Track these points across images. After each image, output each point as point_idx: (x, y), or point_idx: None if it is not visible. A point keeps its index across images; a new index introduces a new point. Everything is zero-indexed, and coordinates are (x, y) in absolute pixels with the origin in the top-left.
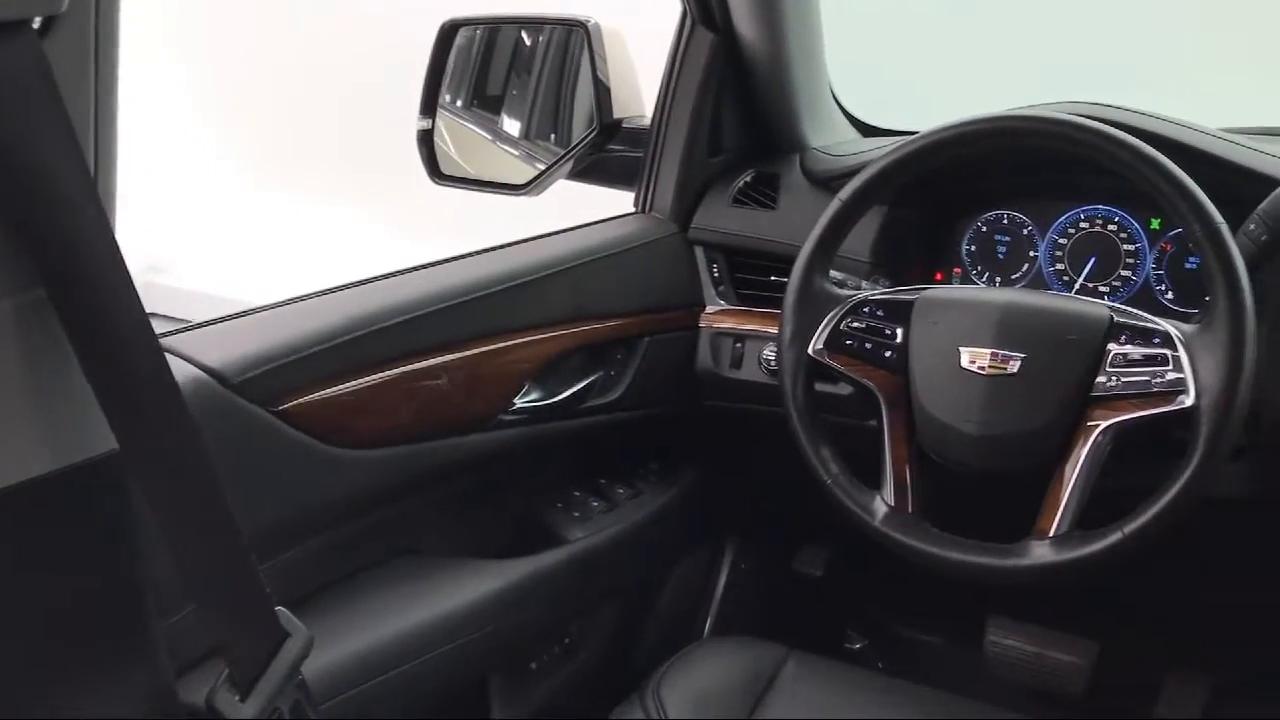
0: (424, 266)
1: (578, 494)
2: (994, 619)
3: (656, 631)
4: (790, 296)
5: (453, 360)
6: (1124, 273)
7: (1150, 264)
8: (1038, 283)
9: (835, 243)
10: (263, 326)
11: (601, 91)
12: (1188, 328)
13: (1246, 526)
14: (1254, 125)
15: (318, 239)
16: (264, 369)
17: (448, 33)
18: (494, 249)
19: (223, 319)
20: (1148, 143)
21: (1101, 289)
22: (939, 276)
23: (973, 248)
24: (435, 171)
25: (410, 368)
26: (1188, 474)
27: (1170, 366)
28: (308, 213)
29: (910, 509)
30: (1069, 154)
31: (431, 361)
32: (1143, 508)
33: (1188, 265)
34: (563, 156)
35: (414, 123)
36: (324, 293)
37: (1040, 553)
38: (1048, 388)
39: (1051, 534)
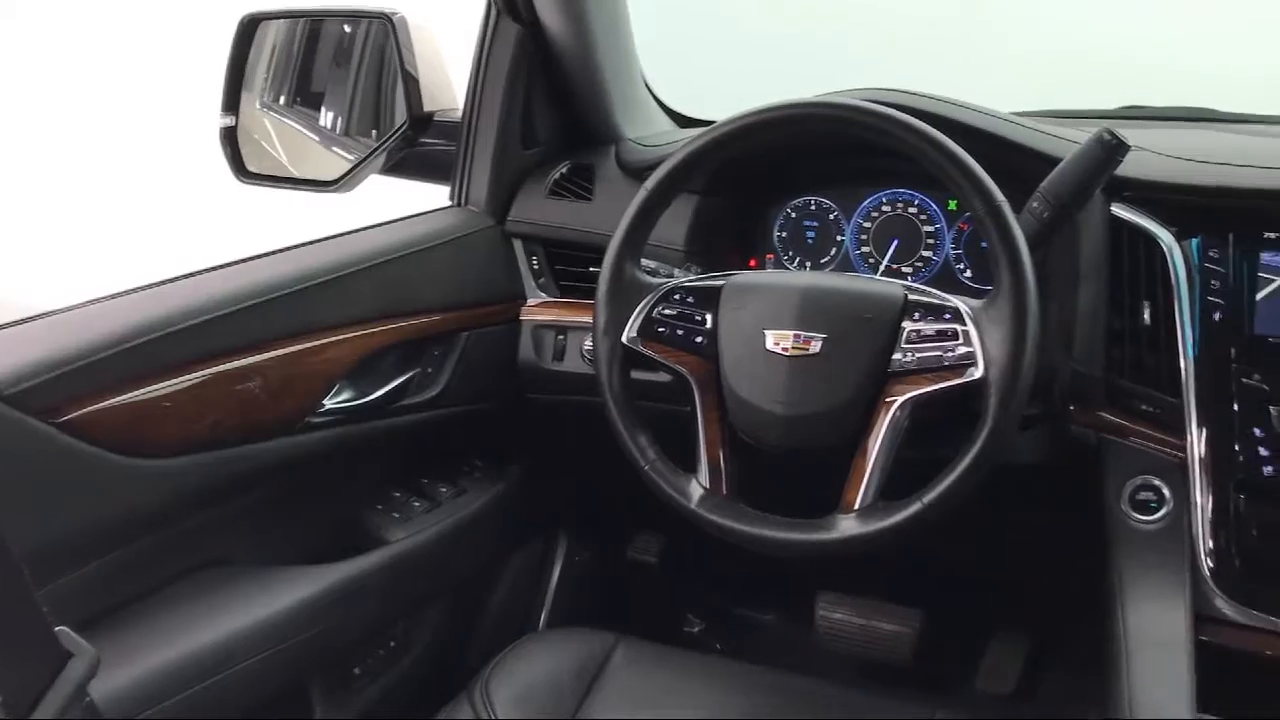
0: (226, 265)
1: (398, 494)
2: (824, 594)
3: (490, 628)
4: (602, 286)
5: (256, 362)
6: (925, 253)
7: (949, 244)
8: (845, 265)
9: (644, 232)
10: (46, 333)
11: (410, 84)
12: (975, 303)
13: (1047, 492)
14: (1046, 109)
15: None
16: (43, 378)
17: (247, 27)
18: (300, 245)
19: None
20: (935, 125)
21: (905, 270)
22: (753, 263)
23: (784, 234)
24: (240, 169)
25: (210, 371)
26: (979, 443)
27: (960, 341)
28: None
29: (725, 490)
30: (860, 138)
31: (233, 364)
32: (939, 477)
33: (983, 244)
34: (374, 151)
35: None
36: (115, 296)
37: (846, 525)
38: (848, 366)
39: (857, 507)
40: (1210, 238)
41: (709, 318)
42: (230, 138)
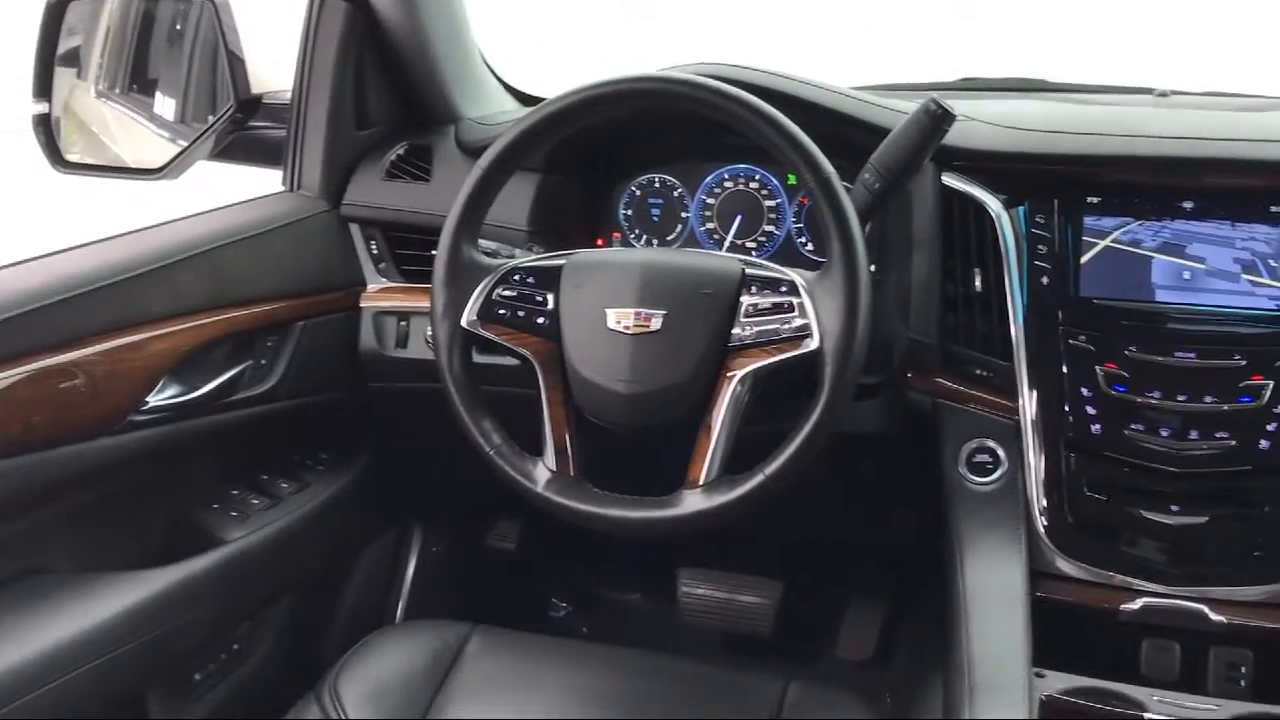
0: (39, 257)
1: (236, 492)
2: (685, 570)
3: (344, 625)
4: (439, 269)
5: (72, 359)
6: (768, 228)
7: (791, 218)
8: (691, 242)
9: (480, 212)
10: None
11: (235, 65)
12: (810, 275)
13: (892, 459)
14: (885, 83)
15: None
16: None
17: (55, 8)
18: (121, 235)
19: None
20: (765, 99)
21: (749, 245)
22: (600, 241)
23: (629, 212)
24: (57, 158)
25: (22, 370)
26: (816, 413)
27: (796, 313)
28: None
29: (572, 472)
30: (693, 113)
31: (46, 361)
32: (780, 449)
33: None
34: (200, 135)
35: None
36: None
37: (692, 501)
38: (689, 342)
39: (702, 482)
40: (1037, 204)
41: (550, 298)
42: (44, 125)
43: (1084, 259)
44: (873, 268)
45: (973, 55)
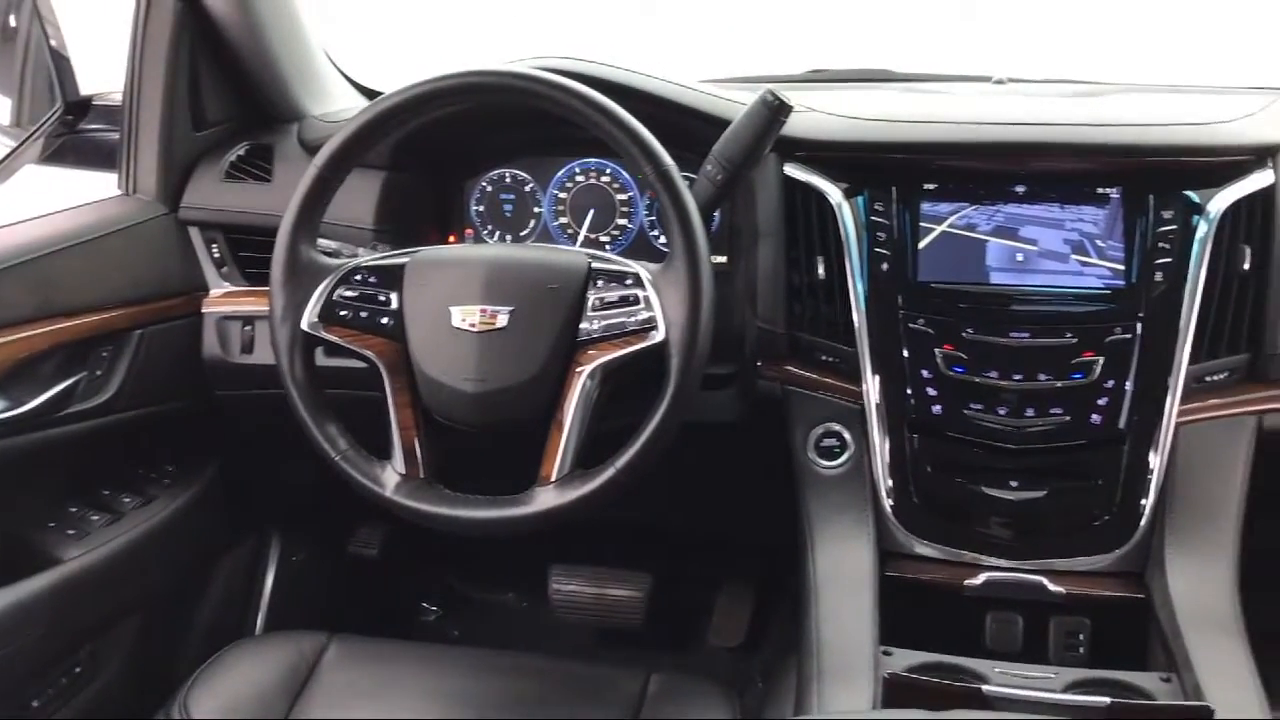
0: None
1: (74, 509)
2: (556, 568)
3: (199, 641)
4: (276, 271)
5: None
6: (621, 221)
7: (644, 212)
8: (545, 237)
9: (318, 211)
10: None
11: (60, 64)
12: (654, 267)
13: (747, 447)
14: (736, 76)
15: None
16: None
17: None
18: None
19: None
20: (603, 91)
21: (603, 239)
22: (453, 238)
23: (480, 208)
24: None
25: None
26: (664, 404)
27: (642, 306)
28: None
29: (422, 474)
30: (533, 107)
31: None
32: (630, 441)
33: None
34: (26, 139)
35: None
36: None
37: (545, 498)
38: (536, 338)
39: (554, 478)
40: (875, 192)
41: (393, 298)
42: None
43: (921, 245)
44: (724, 259)
45: (829, 48)
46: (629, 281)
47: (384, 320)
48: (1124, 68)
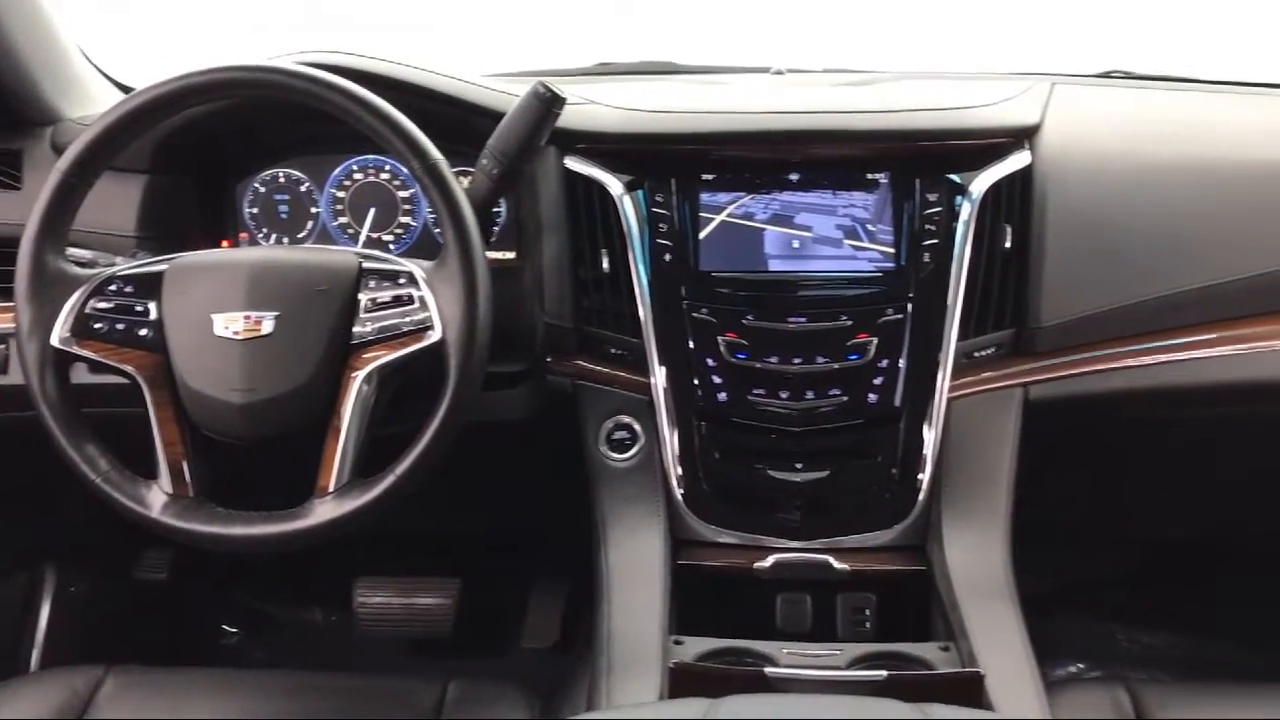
0: None
1: None
2: (361, 580)
3: None
4: (21, 284)
5: None
6: (404, 219)
7: (427, 209)
8: (324, 238)
9: (64, 218)
10: None
11: None
12: (428, 265)
13: (543, 444)
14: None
15: None
16: None
17: None
18: None
19: None
20: (370, 85)
21: (386, 238)
22: (227, 243)
23: (254, 210)
24: None
25: None
26: (444, 406)
27: (416, 305)
28: None
29: (191, 493)
30: (293, 103)
31: None
32: (411, 446)
33: None
34: None
35: None
36: None
37: (324, 510)
38: (306, 343)
39: (332, 489)
40: (656, 183)
41: (152, 307)
42: None
43: (702, 235)
44: (511, 254)
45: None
46: (402, 280)
47: (142, 332)
48: (900, 58)
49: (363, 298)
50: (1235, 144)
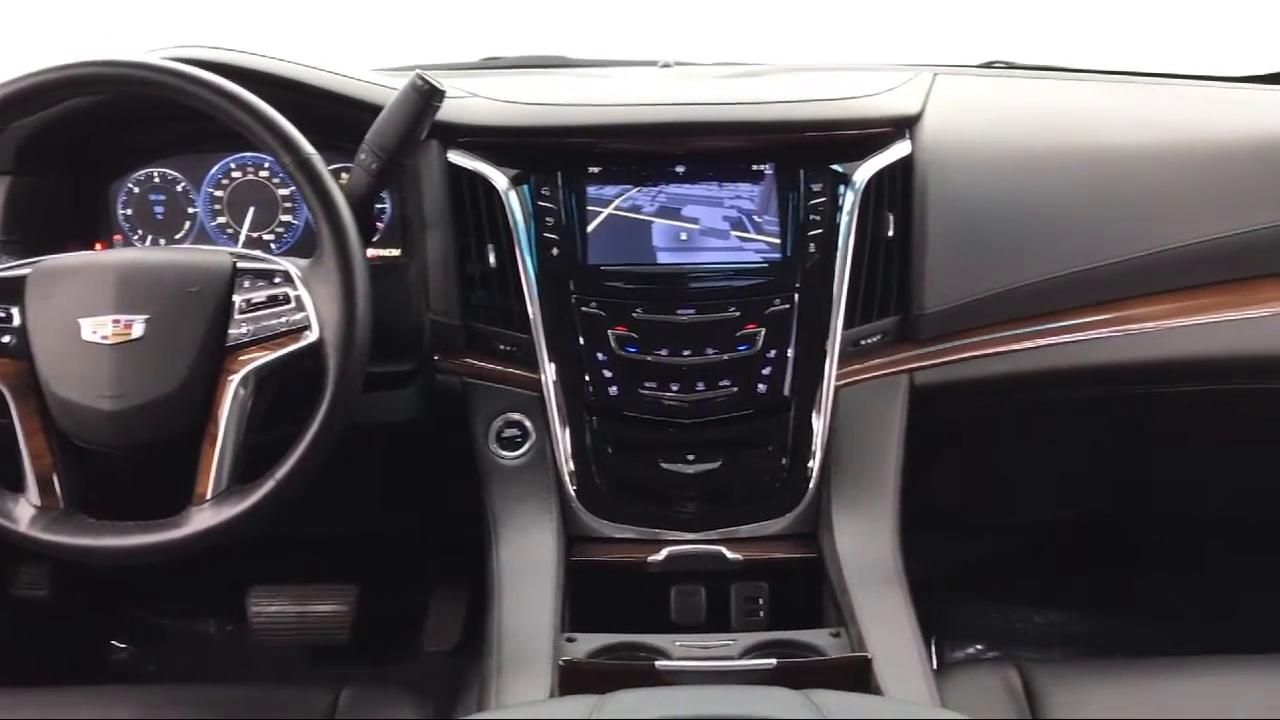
0: None
1: None
2: (255, 590)
3: None
4: None
5: None
6: (285, 218)
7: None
8: (202, 239)
9: None
10: None
11: None
12: (304, 263)
13: (435, 444)
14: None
15: None
16: None
17: None
18: None
19: None
20: (241, 80)
21: (267, 238)
22: (100, 246)
23: (129, 211)
24: None
25: None
26: (323, 408)
27: (293, 305)
28: None
29: (61, 504)
30: (158, 98)
31: None
32: (291, 450)
33: None
34: None
35: None
36: None
37: (201, 518)
38: (179, 346)
39: (209, 496)
40: (542, 177)
41: (15, 313)
42: None
43: (589, 228)
44: (397, 251)
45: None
46: (277, 280)
47: (5, 339)
48: (793, 51)
49: (237, 298)
50: (1105, 130)
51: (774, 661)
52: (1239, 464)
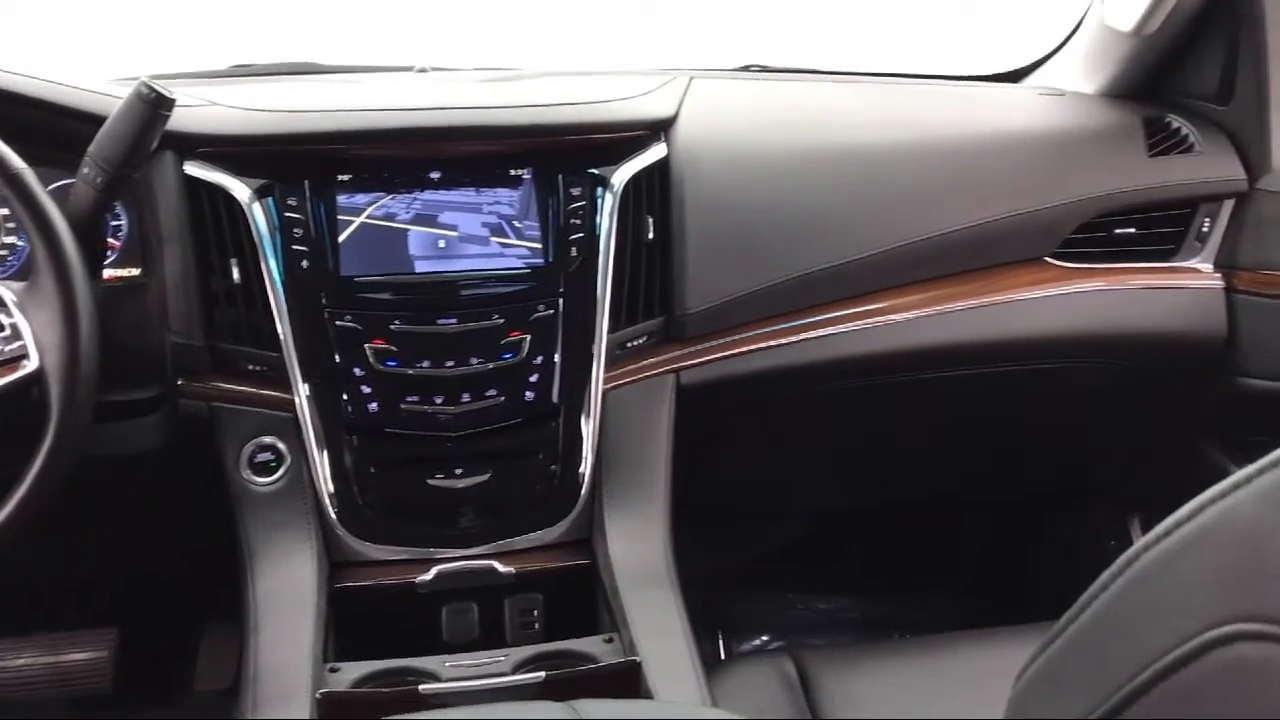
0: None
1: None
2: None
3: None
4: None
5: None
6: (8, 239)
7: None
8: None
9: None
10: None
11: None
12: (18, 286)
13: (183, 475)
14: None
15: None
16: None
17: None
18: None
19: None
20: None
21: None
22: None
23: None
24: None
25: None
26: (47, 444)
27: (8, 333)
28: None
29: None
30: None
31: None
32: (11, 492)
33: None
34: None
35: None
36: None
37: None
38: None
39: None
40: (288, 186)
41: None
42: None
43: (341, 238)
44: (137, 270)
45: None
46: None
47: None
48: (549, 56)
49: None
50: (855, 129)
51: (543, 674)
52: (995, 444)
